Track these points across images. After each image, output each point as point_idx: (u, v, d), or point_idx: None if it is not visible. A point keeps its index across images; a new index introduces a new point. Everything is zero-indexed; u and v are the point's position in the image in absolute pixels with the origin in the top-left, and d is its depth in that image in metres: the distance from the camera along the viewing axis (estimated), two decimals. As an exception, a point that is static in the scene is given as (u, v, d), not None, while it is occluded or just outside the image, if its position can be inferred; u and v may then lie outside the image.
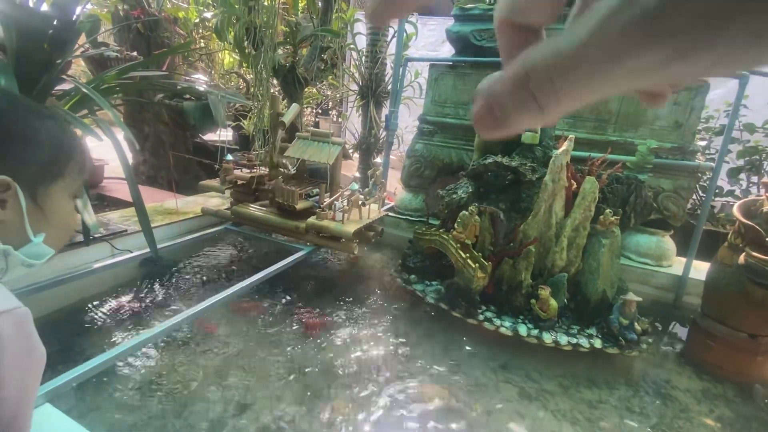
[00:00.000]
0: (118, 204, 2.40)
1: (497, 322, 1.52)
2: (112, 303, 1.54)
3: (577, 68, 0.14)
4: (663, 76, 0.14)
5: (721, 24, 0.12)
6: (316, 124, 5.79)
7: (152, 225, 1.50)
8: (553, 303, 1.48)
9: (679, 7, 0.12)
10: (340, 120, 5.73)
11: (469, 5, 2.27)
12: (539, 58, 0.15)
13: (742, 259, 1.38)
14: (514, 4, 0.19)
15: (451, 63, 2.36)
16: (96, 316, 1.46)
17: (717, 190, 2.82)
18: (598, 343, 1.45)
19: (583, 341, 1.45)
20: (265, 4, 2.13)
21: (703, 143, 2.85)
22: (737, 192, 2.99)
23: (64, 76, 1.54)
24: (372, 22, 0.20)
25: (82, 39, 1.75)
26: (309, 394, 1.19)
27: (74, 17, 1.32)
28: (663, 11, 0.12)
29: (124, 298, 1.58)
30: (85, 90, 1.24)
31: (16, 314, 0.46)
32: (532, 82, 0.15)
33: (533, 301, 1.52)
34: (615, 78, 0.14)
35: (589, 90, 0.15)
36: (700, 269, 1.83)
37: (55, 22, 1.29)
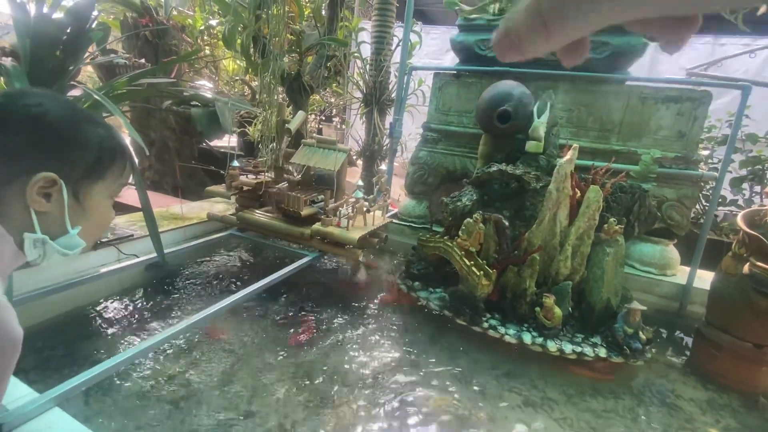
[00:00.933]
0: (124, 209, 2.42)
1: (502, 329, 1.52)
2: (119, 307, 1.55)
3: None
4: (629, 15, 0.17)
5: None
6: (320, 131, 5.83)
7: (159, 230, 1.52)
8: (558, 311, 1.48)
9: None
10: (343, 127, 5.77)
11: (474, 16, 2.30)
12: None
13: (746, 268, 1.38)
14: None
15: (455, 72, 2.38)
16: (102, 321, 1.47)
17: (720, 200, 2.82)
18: (602, 352, 1.45)
19: (588, 350, 1.45)
20: (273, 13, 2.16)
21: (705, 153, 2.86)
22: (740, 201, 2.99)
23: (73, 82, 1.57)
24: (501, 59, 0.23)
25: (92, 46, 1.79)
26: (313, 400, 1.19)
27: (87, 25, 1.34)
28: None
29: (131, 303, 1.58)
30: (97, 97, 1.26)
31: None
32: (542, 10, 0.18)
33: (538, 309, 1.52)
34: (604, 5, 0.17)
35: (586, 15, 0.17)
36: (704, 278, 1.83)
37: (68, 30, 1.31)
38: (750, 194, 2.97)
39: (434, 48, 5.65)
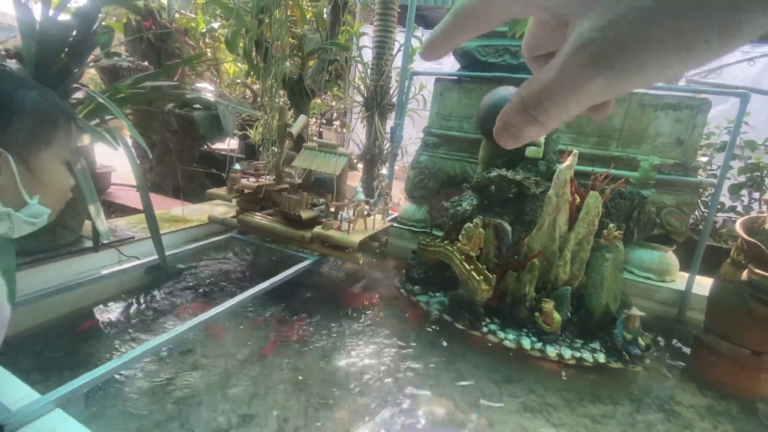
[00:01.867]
0: (125, 210, 2.43)
1: (501, 334, 1.53)
2: (120, 309, 1.55)
3: (556, 93, 0.19)
4: (611, 93, 0.19)
5: (641, 59, 0.17)
6: (320, 134, 5.85)
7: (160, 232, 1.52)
8: (557, 316, 1.49)
9: (611, 51, 0.17)
10: (343, 130, 5.79)
11: (475, 22, 2.31)
12: (532, 88, 0.21)
13: (745, 275, 1.39)
14: (528, 46, 0.25)
15: (456, 77, 2.40)
16: (103, 322, 1.47)
17: (719, 206, 2.84)
18: (601, 358, 1.45)
19: (587, 355, 1.46)
20: (276, 16, 2.18)
21: (704, 159, 2.87)
22: (739, 208, 3.01)
23: (77, 85, 1.58)
24: (426, 58, 0.26)
25: (96, 49, 1.80)
26: (310, 404, 1.20)
27: (93, 28, 1.35)
28: (603, 52, 0.18)
29: (132, 305, 1.59)
30: (101, 100, 1.27)
31: None
32: (528, 106, 0.21)
33: (537, 314, 1.53)
34: (581, 97, 0.19)
35: (567, 106, 0.20)
36: (703, 285, 1.84)
37: (74, 33, 1.32)
38: (748, 201, 2.98)
39: (435, 53, 5.66)
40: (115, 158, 2.97)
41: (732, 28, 0.16)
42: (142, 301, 1.62)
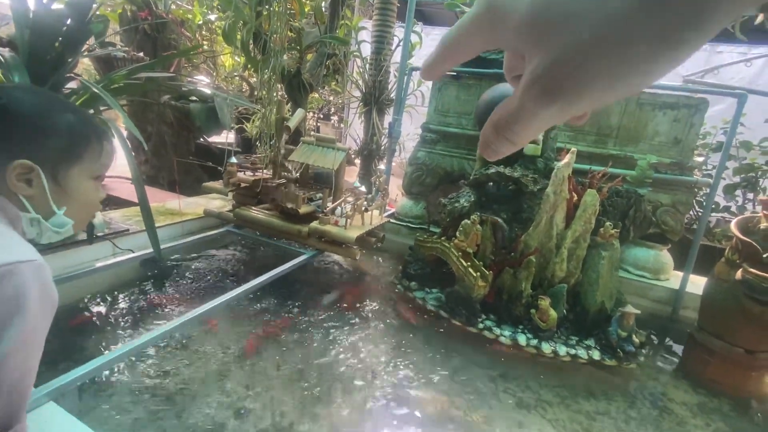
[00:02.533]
0: (119, 203, 2.40)
1: (497, 331, 1.53)
2: (114, 302, 1.54)
3: (519, 119, 0.22)
4: (566, 116, 0.21)
5: (584, 90, 0.19)
6: (317, 129, 5.82)
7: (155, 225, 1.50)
8: (553, 313, 1.49)
9: (557, 83, 0.20)
10: (341, 125, 5.76)
11: (475, 17, 2.30)
12: (501, 113, 0.23)
13: (739, 274, 1.40)
14: (507, 67, 0.28)
15: (455, 74, 2.39)
16: (97, 316, 1.46)
17: (713, 206, 2.86)
18: (596, 355, 1.46)
19: (582, 352, 1.47)
20: (275, 9, 2.15)
21: (700, 159, 2.89)
22: (733, 208, 3.03)
23: (71, 74, 1.55)
24: (424, 78, 0.30)
25: (90, 38, 1.77)
26: (306, 399, 1.20)
27: (88, 18, 1.33)
28: (551, 85, 0.20)
29: (126, 298, 1.57)
30: (96, 90, 1.25)
31: (35, 264, 0.55)
32: (499, 128, 0.24)
33: (533, 311, 1.53)
34: (540, 121, 0.22)
35: (530, 129, 0.22)
36: (697, 283, 1.85)
37: (68, 22, 1.30)
38: (743, 201, 3.01)
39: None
40: (110, 150, 2.93)
41: (665, 61, 0.18)
42: (136, 294, 1.61)
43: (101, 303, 1.53)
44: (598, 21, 0.18)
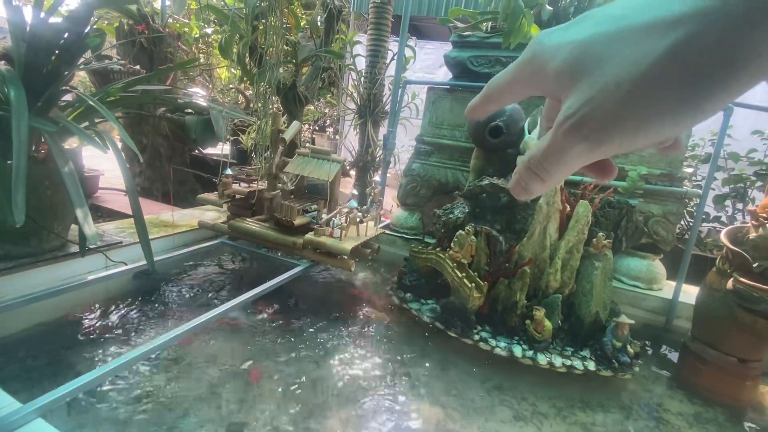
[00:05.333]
0: (112, 215, 2.39)
1: (492, 342, 1.53)
2: (105, 316, 1.52)
3: (550, 156, 0.23)
4: (597, 156, 0.22)
5: (608, 133, 0.21)
6: (312, 140, 5.85)
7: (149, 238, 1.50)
8: (548, 324, 1.49)
9: (587, 121, 0.21)
10: (336, 137, 5.80)
11: (467, 33, 2.35)
12: (533, 153, 0.25)
13: (730, 284, 1.42)
14: (546, 116, 0.30)
15: (448, 87, 2.43)
16: (88, 330, 1.43)
17: (704, 216, 2.90)
18: (591, 366, 1.46)
19: (578, 363, 1.46)
20: (271, 23, 2.19)
21: (690, 170, 2.94)
22: (723, 218, 3.08)
23: (67, 87, 1.56)
24: (469, 116, 0.32)
25: (87, 51, 1.78)
26: (300, 412, 1.18)
27: (85, 31, 1.34)
28: (580, 123, 0.21)
29: (117, 312, 1.55)
30: (92, 102, 1.25)
31: None
32: (532, 166, 0.25)
33: (528, 321, 1.53)
34: (569, 159, 0.23)
35: (561, 166, 0.24)
36: (690, 293, 1.87)
37: (66, 35, 1.31)
38: (732, 211, 3.05)
39: (428, 62, 5.75)
40: (103, 162, 2.92)
41: (692, 110, 0.19)
42: (128, 307, 1.59)
43: (93, 316, 1.50)
44: (629, 65, 0.19)
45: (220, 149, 3.12)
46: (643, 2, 0.20)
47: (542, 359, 1.46)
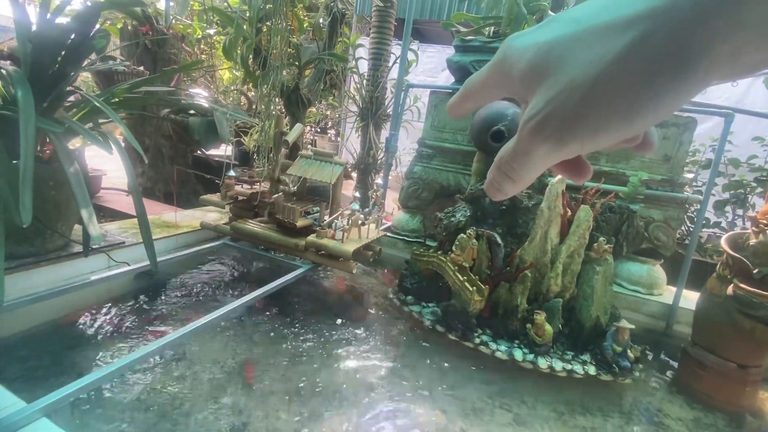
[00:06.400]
0: (115, 215, 2.39)
1: (493, 346, 1.53)
2: (108, 316, 1.52)
3: (517, 156, 0.24)
4: (560, 157, 0.23)
5: (565, 134, 0.21)
6: (313, 142, 5.86)
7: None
8: (549, 328, 1.50)
9: (549, 121, 0.21)
10: (338, 139, 5.81)
11: (470, 37, 2.37)
12: (502, 153, 0.25)
13: (730, 290, 1.43)
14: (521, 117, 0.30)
15: (450, 91, 2.44)
16: (91, 330, 1.44)
17: (704, 222, 2.91)
18: (592, 370, 1.47)
19: (578, 367, 1.47)
20: (275, 26, 2.20)
21: (690, 176, 2.95)
22: (723, 224, 3.09)
23: (71, 88, 1.56)
24: (450, 114, 0.33)
25: (92, 52, 1.79)
26: (298, 415, 1.18)
27: (92, 32, 1.35)
28: (541, 125, 0.21)
29: (120, 312, 1.56)
30: (97, 103, 1.26)
31: None
32: (501, 166, 0.25)
33: (529, 325, 1.54)
34: (535, 159, 0.23)
35: (528, 167, 0.24)
36: (690, 298, 1.87)
37: (72, 36, 1.32)
38: (732, 217, 3.06)
39: (430, 66, 5.77)
40: (106, 162, 2.93)
41: (649, 109, 0.19)
42: (131, 307, 1.59)
43: (96, 316, 1.51)
44: (587, 65, 0.20)
45: (223, 151, 3.13)
46: (602, 5, 0.21)
47: (543, 363, 1.46)
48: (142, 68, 2.69)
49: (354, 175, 3.38)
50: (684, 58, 0.18)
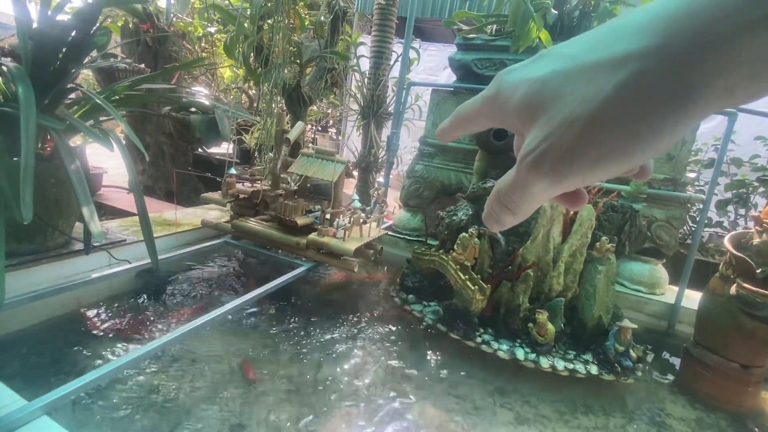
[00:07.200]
0: (116, 213, 2.39)
1: (495, 345, 1.53)
2: (109, 314, 1.52)
3: (516, 189, 0.24)
4: (558, 191, 0.23)
5: (562, 170, 0.21)
6: (314, 141, 5.86)
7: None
8: (551, 327, 1.49)
9: (546, 157, 0.21)
10: (339, 138, 5.81)
11: (472, 35, 2.36)
12: (502, 183, 0.25)
13: (733, 290, 1.42)
14: (516, 147, 0.29)
15: (452, 89, 2.43)
16: (92, 327, 1.44)
17: (706, 221, 2.90)
18: (594, 369, 1.46)
19: (580, 367, 1.46)
20: (276, 24, 2.19)
21: (693, 175, 2.94)
22: (725, 223, 3.08)
23: (73, 85, 1.56)
24: (439, 139, 0.32)
25: (93, 50, 1.78)
26: (302, 413, 1.18)
27: (93, 29, 1.34)
28: (539, 160, 0.21)
29: (121, 310, 1.55)
30: (98, 101, 1.25)
31: None
32: (500, 198, 0.25)
33: (531, 324, 1.53)
34: (534, 193, 0.23)
35: (526, 200, 0.24)
36: (692, 298, 1.87)
37: (73, 33, 1.31)
38: (735, 216, 3.05)
39: (432, 64, 5.76)
40: (106, 160, 2.93)
41: (646, 145, 0.19)
42: (132, 306, 1.59)
43: (97, 314, 1.51)
44: (583, 102, 0.20)
45: (225, 148, 3.13)
46: (593, 42, 0.21)
47: (545, 362, 1.46)
48: (143, 66, 2.68)
49: (355, 173, 3.38)
50: (681, 95, 0.18)
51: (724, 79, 0.17)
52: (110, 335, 1.41)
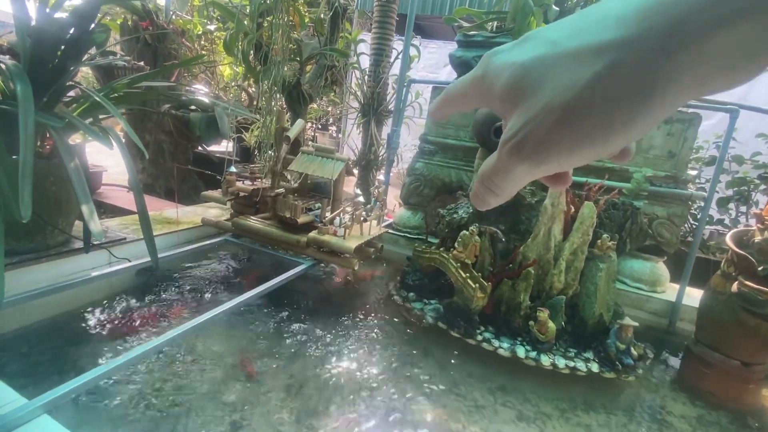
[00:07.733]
0: (115, 211, 2.39)
1: (496, 343, 1.53)
2: (109, 312, 1.52)
3: (497, 172, 0.25)
4: (538, 175, 0.24)
5: (541, 154, 0.22)
6: (314, 138, 5.85)
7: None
8: (552, 325, 1.49)
9: (526, 142, 0.22)
10: (338, 135, 5.80)
11: (472, 32, 2.35)
12: (484, 169, 0.26)
13: (734, 287, 1.42)
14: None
15: (453, 86, 2.42)
16: (92, 326, 1.43)
17: (707, 219, 2.90)
18: (595, 367, 1.46)
19: (581, 365, 1.46)
20: (276, 21, 2.18)
21: (694, 173, 2.94)
22: (727, 221, 3.07)
23: (72, 83, 1.55)
24: (431, 117, 0.35)
25: (92, 47, 1.77)
26: (302, 412, 1.18)
27: (91, 27, 1.34)
28: (518, 145, 0.22)
29: (121, 308, 1.55)
30: (98, 98, 1.25)
31: None
32: (483, 180, 0.26)
33: (532, 322, 1.53)
34: (514, 177, 0.24)
35: (508, 182, 0.25)
36: (693, 296, 1.86)
37: (72, 30, 1.30)
38: (736, 214, 3.04)
39: (432, 61, 5.74)
40: (106, 158, 2.92)
41: (619, 133, 0.20)
42: (132, 304, 1.59)
43: (97, 312, 1.50)
44: (562, 90, 0.20)
45: (225, 146, 3.12)
46: (576, 27, 0.21)
47: (545, 360, 1.46)
48: (142, 63, 2.67)
49: (355, 171, 3.37)
50: (651, 87, 0.18)
51: (692, 72, 0.18)
52: (110, 333, 1.41)
